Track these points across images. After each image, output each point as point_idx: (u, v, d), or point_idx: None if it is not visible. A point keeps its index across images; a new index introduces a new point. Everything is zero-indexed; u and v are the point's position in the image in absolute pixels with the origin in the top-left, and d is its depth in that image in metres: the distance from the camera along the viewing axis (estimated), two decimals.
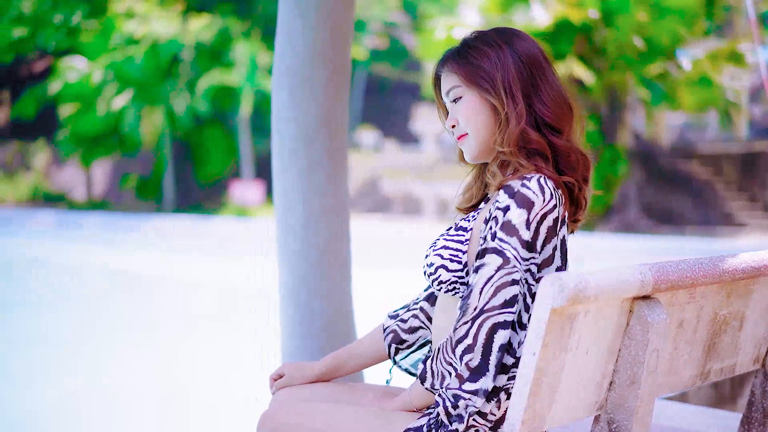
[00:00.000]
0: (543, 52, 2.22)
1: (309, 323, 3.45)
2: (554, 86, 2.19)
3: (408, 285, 4.75)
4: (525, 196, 2.03)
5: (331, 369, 2.52)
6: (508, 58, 2.16)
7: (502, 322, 2.01)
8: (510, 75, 2.15)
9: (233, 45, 27.08)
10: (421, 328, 2.50)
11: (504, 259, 2.02)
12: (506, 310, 2.02)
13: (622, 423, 2.06)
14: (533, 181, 2.04)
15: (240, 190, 27.82)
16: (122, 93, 27.23)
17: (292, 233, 3.46)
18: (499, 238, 2.03)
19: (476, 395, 2.01)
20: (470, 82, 2.18)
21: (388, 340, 2.51)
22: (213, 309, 11.12)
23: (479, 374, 2.01)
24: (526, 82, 2.16)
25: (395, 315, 2.54)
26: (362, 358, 2.55)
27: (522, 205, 2.03)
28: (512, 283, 2.02)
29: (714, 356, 2.38)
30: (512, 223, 2.02)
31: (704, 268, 2.15)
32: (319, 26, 3.40)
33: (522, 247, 2.03)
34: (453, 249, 2.18)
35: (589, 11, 19.77)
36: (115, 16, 27.44)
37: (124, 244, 19.90)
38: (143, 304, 11.60)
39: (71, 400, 6.43)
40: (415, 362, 2.52)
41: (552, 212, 2.06)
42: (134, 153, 29.63)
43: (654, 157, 22.01)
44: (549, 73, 2.20)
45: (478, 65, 2.18)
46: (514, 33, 2.22)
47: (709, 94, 20.18)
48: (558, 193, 2.09)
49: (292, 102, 3.43)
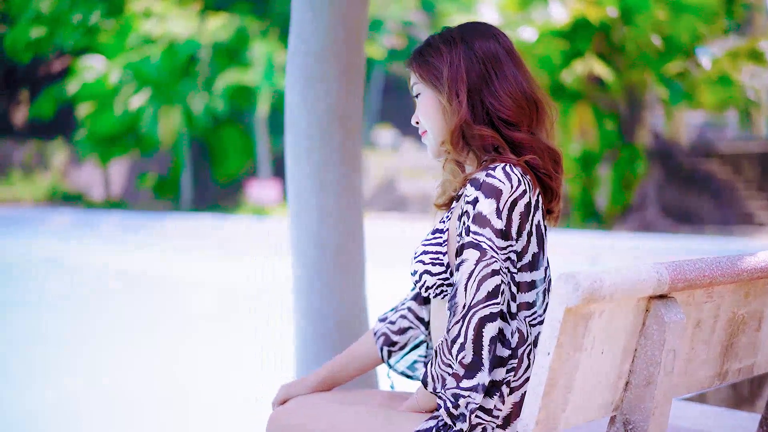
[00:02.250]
0: (508, 48, 2.22)
1: (322, 322, 3.43)
2: (513, 82, 2.17)
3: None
4: (491, 185, 2.04)
5: (326, 379, 2.51)
6: (459, 54, 2.18)
7: (489, 315, 2.01)
8: (456, 71, 2.16)
9: (250, 44, 27.10)
10: (410, 328, 2.49)
11: (481, 251, 2.02)
12: (491, 302, 2.01)
13: (638, 424, 2.02)
14: (498, 170, 2.05)
15: (257, 190, 27.84)
16: (140, 92, 27.29)
17: (306, 232, 3.43)
18: (473, 231, 2.03)
19: (474, 391, 2.00)
20: (423, 79, 2.22)
21: (380, 344, 2.51)
22: (219, 309, 11.11)
23: (474, 370, 2.00)
24: (478, 78, 2.16)
25: (384, 318, 2.53)
26: (356, 364, 2.54)
27: (490, 195, 2.03)
28: (493, 274, 2.01)
29: (732, 356, 2.34)
30: (483, 214, 2.02)
31: (722, 267, 2.11)
32: (332, 24, 3.37)
33: (496, 236, 2.02)
34: (433, 253, 2.18)
35: (608, 9, 19.67)
36: (132, 15, 27.49)
37: (137, 244, 19.91)
38: (147, 304, 11.60)
39: (71, 400, 6.42)
40: (411, 364, 2.52)
41: (522, 197, 2.05)
42: (152, 153, 29.71)
43: (673, 156, 21.89)
44: (509, 68, 2.18)
45: (431, 62, 2.21)
46: (475, 28, 2.23)
47: (729, 92, 20.05)
48: (527, 179, 2.08)
49: (305, 100, 3.41)
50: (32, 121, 33.39)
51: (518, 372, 2.06)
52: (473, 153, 2.20)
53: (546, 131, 2.22)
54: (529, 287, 2.09)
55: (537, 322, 2.10)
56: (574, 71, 19.34)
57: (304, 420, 2.27)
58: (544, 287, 2.13)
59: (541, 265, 2.11)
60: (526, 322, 2.08)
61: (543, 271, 2.13)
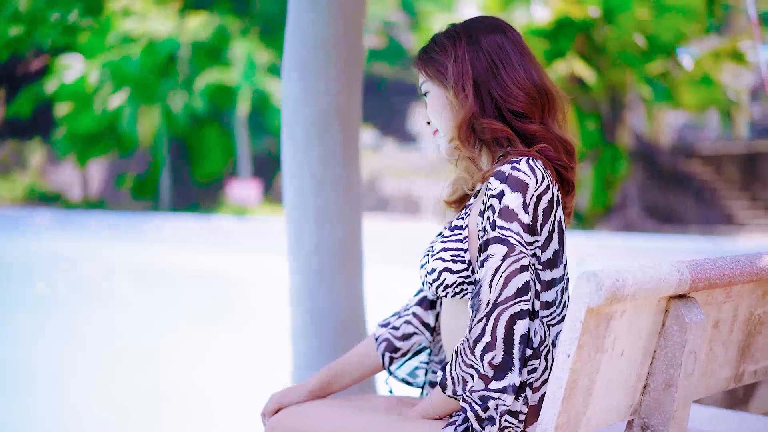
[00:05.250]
0: (515, 40, 2.16)
1: (321, 322, 3.35)
2: (522, 73, 2.12)
3: (406, 284, 4.66)
4: (518, 178, 1.97)
5: (323, 385, 2.39)
6: (463, 48, 2.13)
7: (519, 312, 1.93)
8: (461, 65, 2.12)
9: (231, 43, 26.99)
10: (415, 334, 2.40)
11: (509, 246, 1.95)
12: (521, 299, 1.94)
13: (657, 428, 1.96)
14: (523, 163, 1.99)
15: (237, 189, 27.75)
16: (119, 92, 27.14)
17: (305, 230, 3.35)
18: (499, 226, 1.96)
19: (505, 393, 1.93)
20: (430, 77, 2.18)
21: (382, 349, 2.41)
22: (212, 308, 11.03)
23: (505, 371, 1.93)
24: (484, 71, 2.11)
25: (386, 323, 2.44)
26: (355, 370, 2.42)
27: (516, 189, 1.96)
28: (521, 270, 1.94)
29: (748, 357, 2.28)
30: (510, 208, 1.95)
31: (741, 266, 2.05)
32: (331, 18, 3.30)
33: (524, 231, 1.95)
34: (453, 249, 2.10)
35: (590, 9, 19.69)
36: (112, 14, 27.36)
37: (116, 242, 19.77)
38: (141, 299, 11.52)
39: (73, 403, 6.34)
40: (412, 371, 2.43)
41: (546, 193, 1.99)
42: (131, 152, 29.56)
43: (655, 156, 21.93)
44: (516, 60, 2.13)
45: (436, 59, 2.17)
46: (481, 22, 2.19)
47: (711, 93, 20.12)
48: (548, 174, 2.03)
49: (304, 95, 3.33)
50: (10, 120, 33.13)
51: (538, 373, 1.99)
52: (486, 148, 2.14)
53: (558, 122, 2.16)
54: (548, 286, 2.02)
55: (555, 321, 2.03)
56: (556, 71, 19.34)
57: (308, 423, 2.17)
58: (563, 286, 2.06)
59: (560, 263, 2.04)
60: (545, 323, 2.00)
61: (562, 269, 2.06)
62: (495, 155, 2.13)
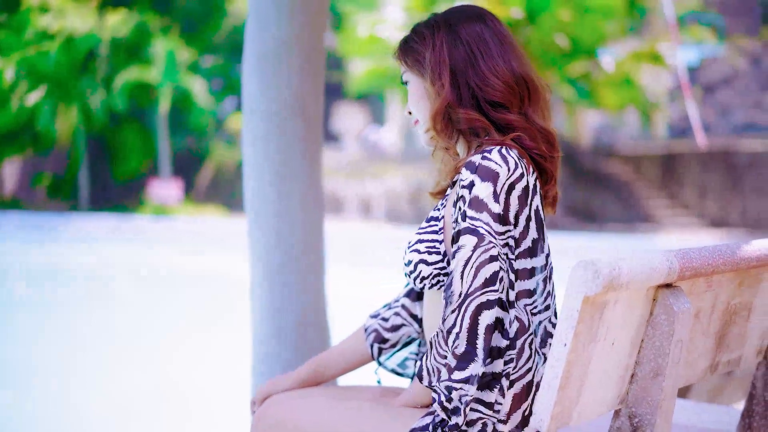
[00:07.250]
0: (496, 29, 2.15)
1: (282, 319, 3.30)
2: (501, 62, 2.11)
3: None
4: (488, 168, 1.96)
5: (312, 374, 2.39)
6: (441, 37, 2.12)
7: (486, 302, 1.91)
8: (439, 54, 2.11)
9: (152, 41, 26.64)
10: (403, 325, 2.40)
11: (478, 237, 1.93)
12: (488, 289, 1.92)
13: (645, 417, 1.96)
14: (494, 153, 1.98)
15: (158, 189, 27.40)
16: (36, 89, 26.60)
17: (266, 226, 3.29)
18: (469, 216, 1.95)
19: (467, 383, 1.90)
20: (409, 66, 2.17)
21: (371, 340, 2.41)
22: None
23: (467, 361, 1.90)
24: (462, 59, 2.10)
25: (376, 314, 2.44)
26: (345, 360, 2.43)
27: (486, 178, 1.95)
28: (491, 260, 1.93)
29: (724, 347, 2.30)
30: (479, 198, 1.94)
31: (723, 255, 2.07)
32: (294, 12, 3.25)
33: (494, 221, 1.94)
34: (428, 241, 2.09)
35: (513, 9, 19.85)
36: (29, 9, 26.77)
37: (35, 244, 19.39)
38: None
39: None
40: (402, 362, 2.43)
41: (519, 181, 1.98)
42: (48, 151, 28.96)
43: (575, 156, 22.21)
44: (496, 49, 2.12)
45: (414, 48, 2.16)
46: (461, 11, 2.17)
47: (630, 93, 20.45)
48: (523, 162, 2.02)
49: (265, 90, 3.27)
50: None
51: (518, 363, 1.96)
52: (462, 138, 2.13)
53: (540, 112, 2.15)
54: (529, 274, 2.01)
55: (538, 310, 2.02)
56: None
57: (294, 415, 2.15)
58: (545, 275, 2.05)
59: (541, 252, 2.04)
60: (527, 311, 1.99)
61: (544, 258, 2.05)
62: (471, 145, 2.12)
